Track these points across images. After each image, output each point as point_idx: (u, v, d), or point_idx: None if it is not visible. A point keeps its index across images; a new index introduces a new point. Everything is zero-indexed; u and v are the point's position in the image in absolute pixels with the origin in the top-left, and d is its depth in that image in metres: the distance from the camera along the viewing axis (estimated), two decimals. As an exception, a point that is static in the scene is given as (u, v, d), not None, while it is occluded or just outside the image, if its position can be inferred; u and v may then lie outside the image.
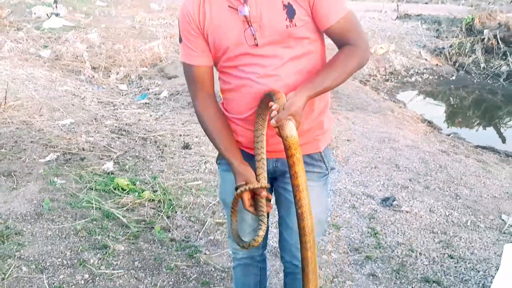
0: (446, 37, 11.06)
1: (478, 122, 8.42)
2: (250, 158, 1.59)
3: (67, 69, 7.32)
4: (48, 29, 9.05)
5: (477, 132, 7.72)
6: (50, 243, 2.60)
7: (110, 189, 3.44)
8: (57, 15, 9.75)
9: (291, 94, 1.35)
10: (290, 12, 1.39)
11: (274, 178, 1.70)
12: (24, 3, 11.06)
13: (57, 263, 2.43)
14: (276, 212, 1.82)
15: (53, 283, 2.26)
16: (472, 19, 10.47)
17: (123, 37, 8.94)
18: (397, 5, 14.46)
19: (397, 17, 13.48)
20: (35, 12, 10.21)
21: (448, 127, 7.40)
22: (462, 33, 10.41)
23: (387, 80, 8.77)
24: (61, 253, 2.52)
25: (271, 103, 1.35)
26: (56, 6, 10.29)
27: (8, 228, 2.70)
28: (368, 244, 2.90)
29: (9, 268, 2.33)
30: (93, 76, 7.13)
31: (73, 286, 2.26)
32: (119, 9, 12.06)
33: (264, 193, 1.50)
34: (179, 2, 14.62)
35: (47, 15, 9.82)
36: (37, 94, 5.72)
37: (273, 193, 1.75)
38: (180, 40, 1.55)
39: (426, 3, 25.18)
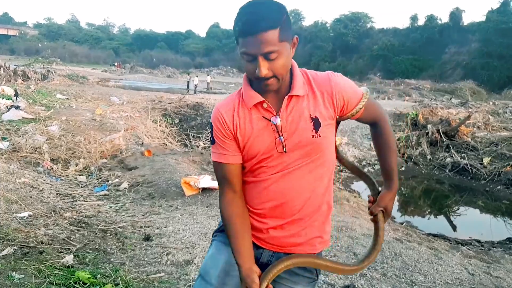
0: (394, 131, 11.82)
1: (428, 210, 8.84)
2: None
3: (25, 161, 7.28)
4: (7, 121, 9.08)
5: (428, 220, 8.10)
6: None
7: (70, 283, 3.37)
8: (17, 107, 9.83)
9: (384, 191, 1.77)
10: (316, 124, 1.58)
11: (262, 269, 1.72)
12: (-17, 96, 11.12)
13: None
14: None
15: None
16: (416, 114, 11.35)
17: (84, 129, 9.07)
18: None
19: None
20: (-6, 104, 10.26)
21: (401, 215, 7.74)
22: (408, 127, 11.21)
23: (341, 171, 9.18)
24: None
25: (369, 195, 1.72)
26: (16, 99, 10.40)
27: (-38, 327, 2.59)
28: (331, 333, 2.95)
29: None
30: (52, 168, 7.12)
31: None
32: (79, 102, 12.29)
33: None
34: (139, 96, 15.11)
35: (7, 107, 9.88)
36: (-6, 187, 5.63)
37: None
38: (212, 142, 1.67)
39: (374, 98, 26.91)
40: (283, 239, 1.66)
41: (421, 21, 59.58)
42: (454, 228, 7.49)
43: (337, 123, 1.71)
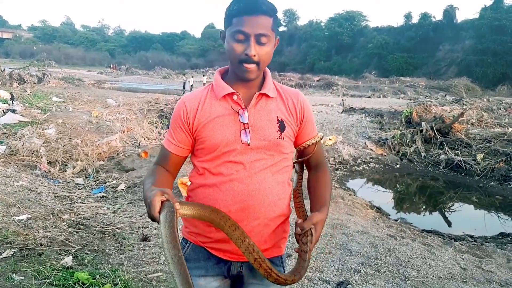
0: (389, 128, 11.94)
1: (423, 207, 8.92)
2: (207, 259, 1.69)
3: (22, 164, 7.32)
4: (3, 125, 9.11)
5: (423, 217, 8.17)
6: None
7: (70, 283, 3.43)
8: (13, 111, 9.87)
9: (315, 213, 1.61)
10: (282, 126, 1.64)
11: (234, 281, 1.77)
12: (-21, 100, 11.15)
13: None
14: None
15: None
16: (410, 112, 11.44)
17: (80, 132, 9.12)
18: (343, 100, 15.56)
19: (343, 110, 14.47)
20: (-9, 108, 10.30)
21: (396, 212, 7.81)
22: (402, 125, 11.30)
23: (337, 169, 9.26)
24: None
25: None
26: (12, 103, 10.43)
27: (-35, 327, 2.65)
28: (326, 328, 3.02)
29: None
30: (49, 171, 7.16)
31: None
32: (75, 104, 12.33)
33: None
34: (135, 98, 15.15)
35: (3, 111, 9.92)
36: (-8, 190, 5.68)
37: None
38: (168, 126, 1.74)
39: (369, 97, 27.04)
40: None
41: (415, 19, 59.92)
42: (448, 224, 7.58)
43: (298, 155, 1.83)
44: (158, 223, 1.32)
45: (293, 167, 1.81)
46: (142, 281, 3.62)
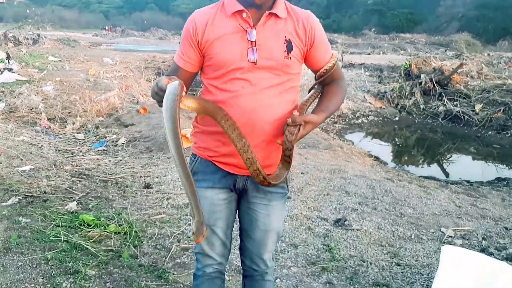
0: (388, 82, 11.89)
1: (421, 158, 9.00)
2: (215, 172, 1.78)
3: (22, 121, 7.36)
4: (1, 83, 9.08)
5: (421, 168, 8.26)
6: (22, 271, 2.68)
7: (75, 225, 3.53)
8: (10, 70, 9.81)
9: (310, 114, 1.66)
10: (289, 47, 1.66)
11: (239, 195, 1.88)
12: (-25, 60, 11.06)
13: (30, 288, 2.52)
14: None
15: (27, 306, 2.35)
16: (409, 65, 11.37)
17: (78, 89, 9.10)
18: (341, 55, 15.42)
19: (342, 66, 14.37)
20: (-13, 68, 10.23)
21: (393, 162, 7.89)
22: (402, 78, 11.25)
23: (335, 123, 9.31)
24: (34, 279, 2.61)
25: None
26: (8, 62, 10.36)
27: (-24, 262, 2.76)
28: (324, 258, 3.14)
29: (-19, 297, 2.40)
30: (49, 127, 7.21)
31: (47, 307, 2.36)
32: (72, 63, 12.25)
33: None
34: (132, 57, 15.01)
35: (0, 70, 9.86)
36: (-6, 144, 5.74)
37: (238, 209, 1.94)
38: (180, 43, 1.76)
39: (369, 54, 26.77)
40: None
41: (416, -26, 58.36)
42: (446, 174, 7.67)
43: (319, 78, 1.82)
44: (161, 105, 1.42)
45: (310, 90, 1.86)
46: (146, 222, 3.73)
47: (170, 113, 1.37)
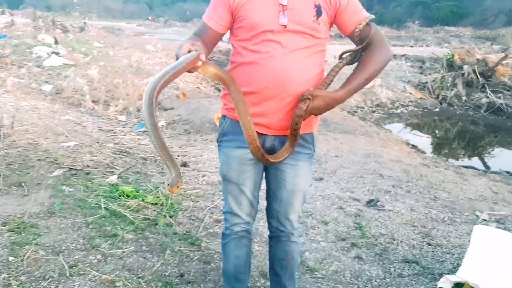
0: (429, 73, 11.63)
1: (462, 151, 8.78)
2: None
3: (67, 102, 7.66)
4: (49, 67, 9.46)
5: (461, 160, 8.07)
6: (64, 233, 2.85)
7: (115, 195, 3.70)
8: (57, 54, 10.20)
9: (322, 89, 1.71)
10: (318, 12, 1.71)
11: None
12: (24, 44, 11.55)
13: (72, 247, 2.68)
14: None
15: (69, 262, 2.50)
16: (452, 55, 11.08)
17: (121, 74, 9.37)
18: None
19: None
20: (36, 52, 10.66)
21: (432, 153, 7.74)
22: (444, 69, 10.97)
23: (374, 112, 9.21)
24: (75, 240, 2.77)
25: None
26: (56, 46, 10.76)
27: (23, 222, 2.94)
28: (354, 235, 3.18)
29: (27, 252, 2.56)
30: (93, 108, 7.48)
31: (87, 264, 2.50)
32: (116, 50, 12.60)
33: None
34: (173, 45, 15.28)
35: (48, 54, 10.27)
36: (41, 122, 6.02)
37: (265, 171, 2.03)
38: (210, 3, 1.83)
39: (411, 46, 26.14)
40: (283, 122, 1.78)
41: (464, -35, 56.41)
42: (486, 167, 7.48)
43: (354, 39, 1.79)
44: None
45: (340, 57, 1.84)
46: (182, 196, 3.85)
47: (153, 83, 1.44)
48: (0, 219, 2.94)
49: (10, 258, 2.49)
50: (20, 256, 2.51)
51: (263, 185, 2.03)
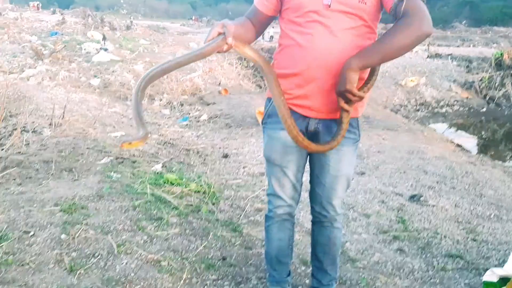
0: (476, 72, 11.30)
1: (510, 154, 8.48)
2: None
3: (115, 95, 7.92)
4: (97, 62, 9.81)
5: (509, 162, 7.80)
6: (112, 214, 2.96)
7: (160, 182, 3.80)
8: (105, 50, 10.54)
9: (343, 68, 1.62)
10: None
11: (311, 139, 1.87)
12: (75, 41, 12.01)
13: (119, 228, 2.78)
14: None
15: (117, 242, 2.61)
16: (501, 54, 10.73)
17: (166, 70, 9.59)
18: (428, 45, 14.81)
19: (428, 56, 13.81)
20: (85, 48, 11.08)
21: (478, 153, 7.52)
22: (492, 68, 10.65)
23: (417, 110, 9.05)
24: (122, 221, 2.87)
25: None
26: (104, 43, 11.12)
27: (74, 204, 3.08)
28: (396, 229, 3.15)
29: (78, 231, 2.69)
30: (139, 102, 7.69)
31: (134, 244, 2.60)
32: (161, 47, 12.89)
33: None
34: (216, 42, 15.49)
35: (96, 50, 10.63)
36: (90, 113, 6.25)
37: (309, 154, 2.04)
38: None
39: (458, 46, 25.40)
40: (328, 104, 1.77)
41: (516, -37, 54.28)
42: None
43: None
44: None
45: None
46: (223, 185, 3.92)
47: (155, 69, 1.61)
48: (52, 200, 3.09)
49: (62, 236, 2.61)
50: (72, 235, 2.63)
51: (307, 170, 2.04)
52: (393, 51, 1.59)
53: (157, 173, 4.15)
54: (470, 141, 8.19)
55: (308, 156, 2.02)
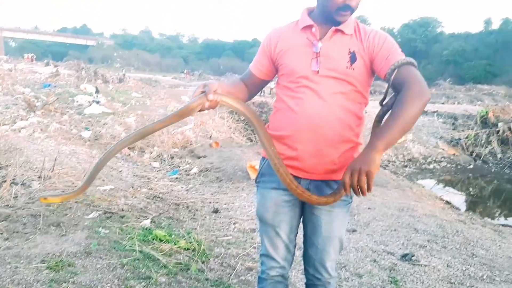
0: (462, 129, 11.54)
1: (498, 210, 8.52)
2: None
3: (105, 147, 7.91)
4: (89, 114, 9.87)
5: (497, 220, 7.82)
6: (100, 273, 2.89)
7: (148, 239, 3.74)
8: (97, 102, 10.64)
9: (367, 148, 1.53)
10: (353, 58, 1.77)
11: (303, 201, 1.93)
12: (68, 93, 12.13)
13: (107, 287, 2.71)
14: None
15: (104, 302, 2.53)
16: (486, 112, 11.01)
17: (157, 123, 9.66)
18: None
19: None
20: (77, 100, 11.18)
21: (466, 211, 7.54)
22: (477, 126, 10.88)
23: (405, 166, 9.14)
24: (110, 280, 2.80)
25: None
26: (97, 95, 11.24)
27: (61, 261, 3.01)
28: (389, 289, 3.10)
29: (64, 290, 2.61)
30: (129, 154, 7.69)
31: (121, 304, 2.52)
32: (153, 100, 13.05)
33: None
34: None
35: (89, 102, 10.72)
36: (80, 166, 6.22)
37: (302, 215, 2.05)
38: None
39: (443, 103, 26.05)
40: (318, 166, 1.81)
41: (495, 25, 56.84)
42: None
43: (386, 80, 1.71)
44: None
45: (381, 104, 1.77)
46: (213, 242, 3.87)
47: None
48: (39, 257, 3.02)
49: (48, 295, 2.54)
50: (58, 294, 2.56)
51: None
52: (410, 123, 1.56)
53: (146, 228, 4.09)
54: (458, 198, 8.23)
55: (302, 217, 2.02)
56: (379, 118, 1.76)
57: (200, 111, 1.69)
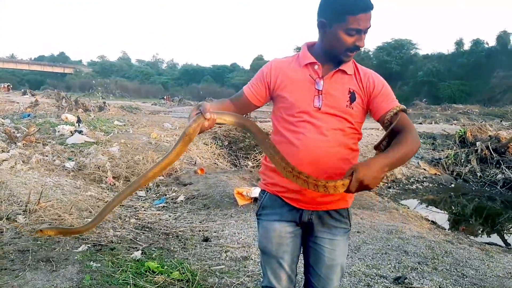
0: (442, 149, 11.77)
1: (481, 228, 8.66)
2: (282, 206, 1.95)
3: (89, 178, 7.84)
4: (71, 144, 9.78)
5: (481, 237, 7.94)
6: (95, 308, 2.86)
7: (141, 271, 3.72)
8: (80, 132, 10.56)
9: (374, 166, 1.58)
10: (352, 97, 1.88)
11: (305, 230, 2.02)
12: (48, 123, 12.00)
13: (104, 323, 2.68)
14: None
15: None
16: (464, 132, 11.27)
17: (141, 151, 9.63)
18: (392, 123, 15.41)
19: (393, 133, 14.33)
20: (59, 130, 11.07)
21: (451, 230, 7.65)
22: (456, 145, 11.12)
23: (389, 187, 9.25)
24: (106, 316, 2.77)
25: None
26: (79, 125, 11.15)
27: (55, 298, 2.97)
28: (385, 313, 3.12)
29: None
30: (114, 184, 7.63)
31: None
32: (135, 128, 12.99)
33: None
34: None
35: (71, 132, 10.63)
36: (65, 197, 6.14)
37: (303, 245, 2.09)
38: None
39: (420, 123, 26.57)
40: (319, 198, 1.89)
41: (466, 46, 58.56)
42: (508, 244, 7.35)
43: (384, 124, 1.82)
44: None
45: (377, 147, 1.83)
46: (207, 272, 3.85)
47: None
48: (31, 295, 2.97)
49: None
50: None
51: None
52: (406, 159, 1.69)
53: (138, 260, 4.06)
54: (441, 217, 8.35)
55: (302, 247, 2.06)
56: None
57: (199, 132, 1.72)
